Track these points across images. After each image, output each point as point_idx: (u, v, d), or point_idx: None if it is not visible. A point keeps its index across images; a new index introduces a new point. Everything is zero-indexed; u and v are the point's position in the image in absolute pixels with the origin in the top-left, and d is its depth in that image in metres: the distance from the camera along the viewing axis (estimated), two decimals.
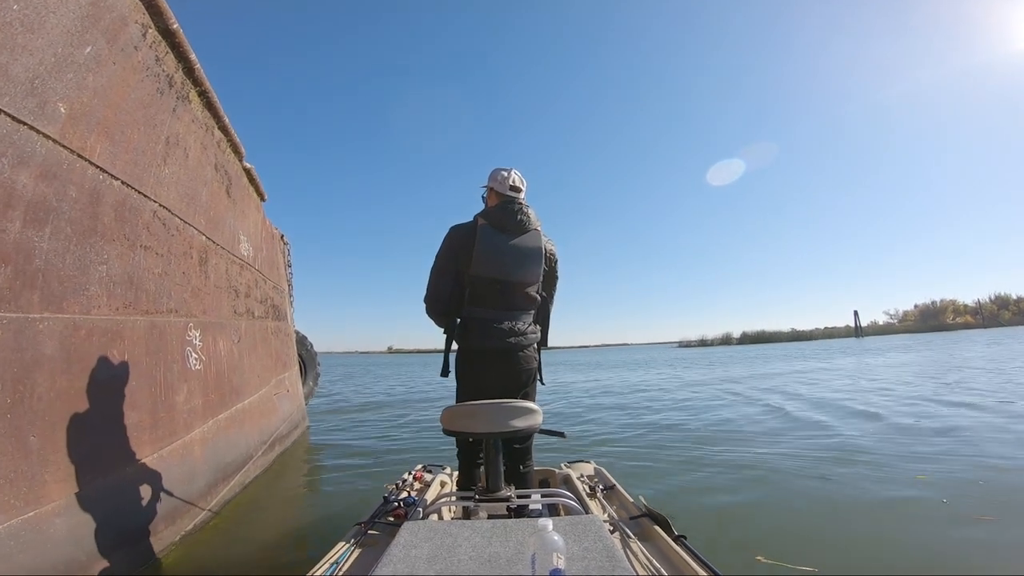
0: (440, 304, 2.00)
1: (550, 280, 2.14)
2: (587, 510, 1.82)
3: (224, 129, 3.95)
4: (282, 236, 7.36)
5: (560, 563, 0.92)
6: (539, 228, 2.04)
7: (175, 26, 2.83)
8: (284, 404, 5.88)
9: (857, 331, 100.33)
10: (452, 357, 2.01)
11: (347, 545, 1.64)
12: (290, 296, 7.66)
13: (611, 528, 1.65)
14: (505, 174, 2.05)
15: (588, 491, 2.26)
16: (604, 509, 2.06)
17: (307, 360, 8.25)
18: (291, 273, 7.73)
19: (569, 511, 1.63)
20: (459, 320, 1.99)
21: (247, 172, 4.84)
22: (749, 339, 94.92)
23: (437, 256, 2.01)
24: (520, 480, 1.97)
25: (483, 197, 2.15)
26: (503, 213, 1.97)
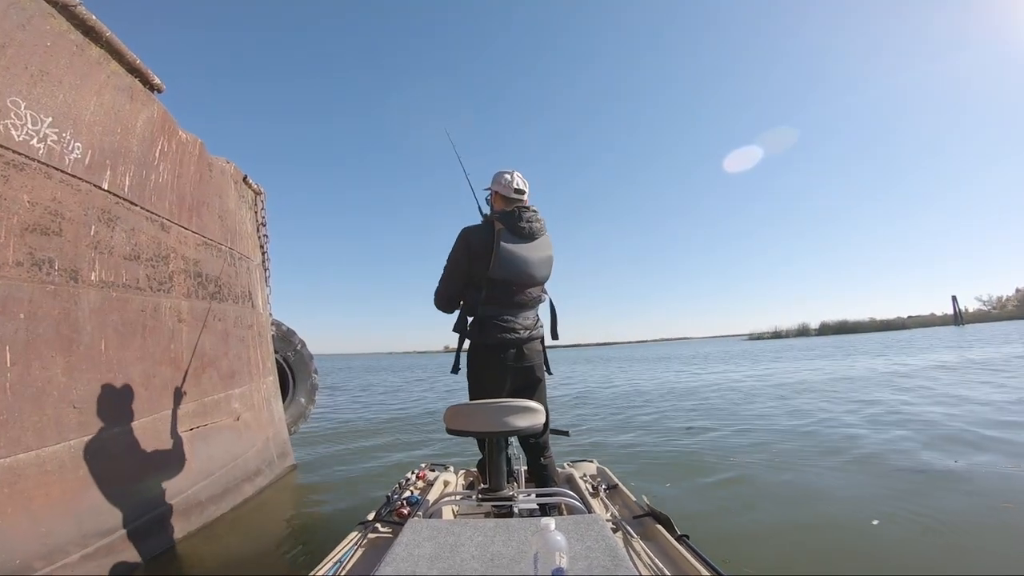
0: (449, 302, 2.11)
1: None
2: (590, 509, 1.79)
3: None
4: (245, 178, 4.81)
5: (563, 562, 0.91)
6: (547, 233, 2.14)
7: None
8: (221, 442, 3.35)
9: (957, 319, 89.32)
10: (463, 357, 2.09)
11: (350, 544, 1.64)
12: (265, 270, 5.10)
13: (614, 527, 1.65)
14: (508, 177, 2.10)
15: (591, 490, 2.23)
16: (607, 508, 2.02)
17: (295, 366, 5.63)
18: (267, 237, 5.16)
19: (572, 510, 1.62)
20: (473, 319, 2.05)
21: (64, 7, 2.29)
22: (830, 330, 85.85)
23: (451, 256, 2.07)
24: (542, 473, 2.07)
25: (487, 200, 2.26)
26: (519, 219, 2.03)
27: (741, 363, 19.94)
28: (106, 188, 2.60)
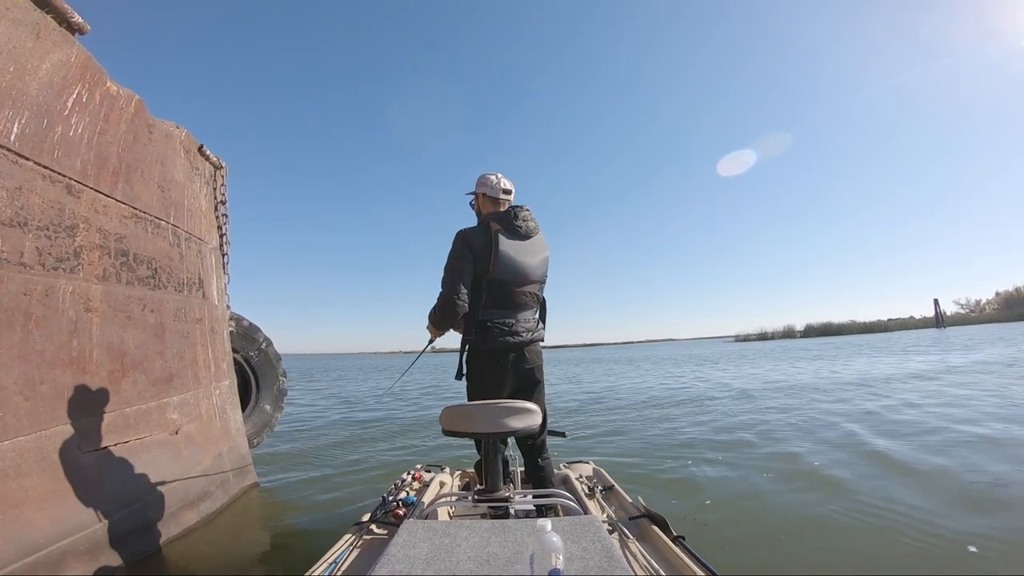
0: (458, 306, 1.94)
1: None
2: (586, 510, 1.78)
3: None
4: (201, 148, 4.13)
5: (558, 563, 0.91)
6: (541, 232, 2.12)
7: None
8: (149, 463, 2.81)
9: (938, 321, 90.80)
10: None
11: (346, 545, 1.64)
12: (223, 254, 4.42)
13: (610, 528, 1.62)
14: (495, 179, 2.11)
15: (587, 491, 2.22)
16: (603, 510, 2.02)
17: (259, 368, 4.91)
18: (226, 216, 4.47)
19: (568, 511, 1.62)
20: (475, 323, 1.99)
21: None
22: (815, 332, 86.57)
23: (451, 259, 1.99)
24: (539, 474, 2.05)
25: (471, 204, 2.22)
26: (515, 218, 2.01)
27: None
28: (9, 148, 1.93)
